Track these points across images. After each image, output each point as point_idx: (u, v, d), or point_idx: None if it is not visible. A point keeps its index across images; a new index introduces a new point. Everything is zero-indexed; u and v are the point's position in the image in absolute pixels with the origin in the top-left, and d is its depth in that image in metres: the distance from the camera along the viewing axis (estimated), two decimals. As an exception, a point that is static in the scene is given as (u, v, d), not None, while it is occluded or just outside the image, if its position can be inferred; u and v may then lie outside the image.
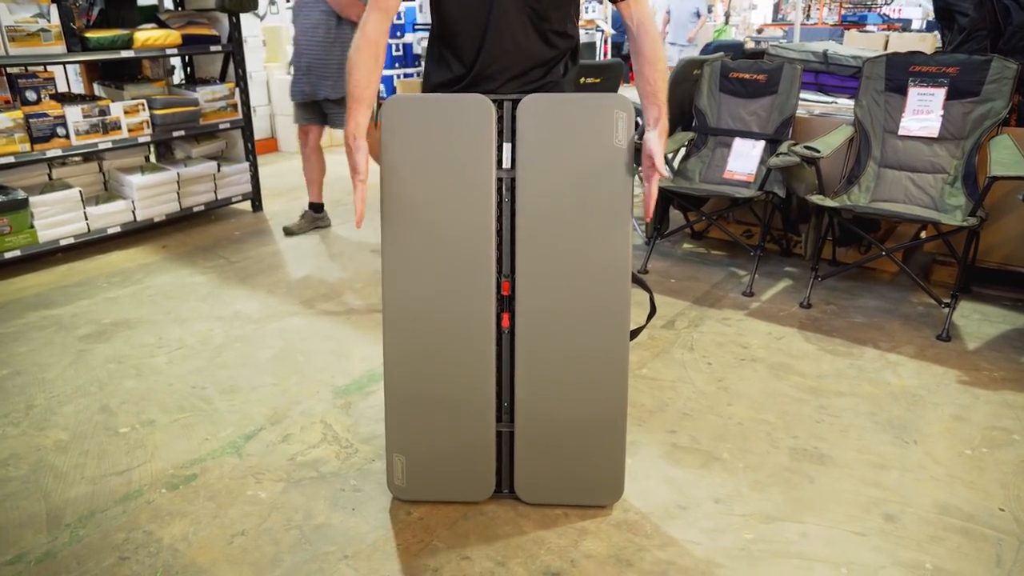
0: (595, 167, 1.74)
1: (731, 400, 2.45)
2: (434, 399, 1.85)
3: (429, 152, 1.73)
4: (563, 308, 1.80)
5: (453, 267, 1.77)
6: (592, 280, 1.78)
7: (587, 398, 1.85)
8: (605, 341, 1.81)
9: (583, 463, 1.90)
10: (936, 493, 1.97)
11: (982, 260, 3.25)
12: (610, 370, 1.83)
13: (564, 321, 1.81)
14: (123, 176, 4.11)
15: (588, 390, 1.85)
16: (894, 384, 2.54)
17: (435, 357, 1.82)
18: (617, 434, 1.88)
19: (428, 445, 1.89)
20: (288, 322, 3.06)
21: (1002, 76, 3.06)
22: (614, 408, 1.86)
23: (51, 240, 3.74)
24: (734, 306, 3.19)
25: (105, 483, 2.05)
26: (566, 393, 1.85)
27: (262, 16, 6.80)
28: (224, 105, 4.40)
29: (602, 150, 1.73)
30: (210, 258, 3.85)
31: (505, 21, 1.80)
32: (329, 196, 4.99)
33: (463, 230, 1.76)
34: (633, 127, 1.74)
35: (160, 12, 4.40)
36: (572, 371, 1.84)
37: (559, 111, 1.73)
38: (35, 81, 3.72)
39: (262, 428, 2.30)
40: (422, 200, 1.76)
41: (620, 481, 1.92)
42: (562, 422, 1.87)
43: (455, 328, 1.81)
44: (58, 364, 2.73)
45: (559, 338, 1.82)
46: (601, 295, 1.79)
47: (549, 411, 1.86)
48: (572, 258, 1.78)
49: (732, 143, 3.68)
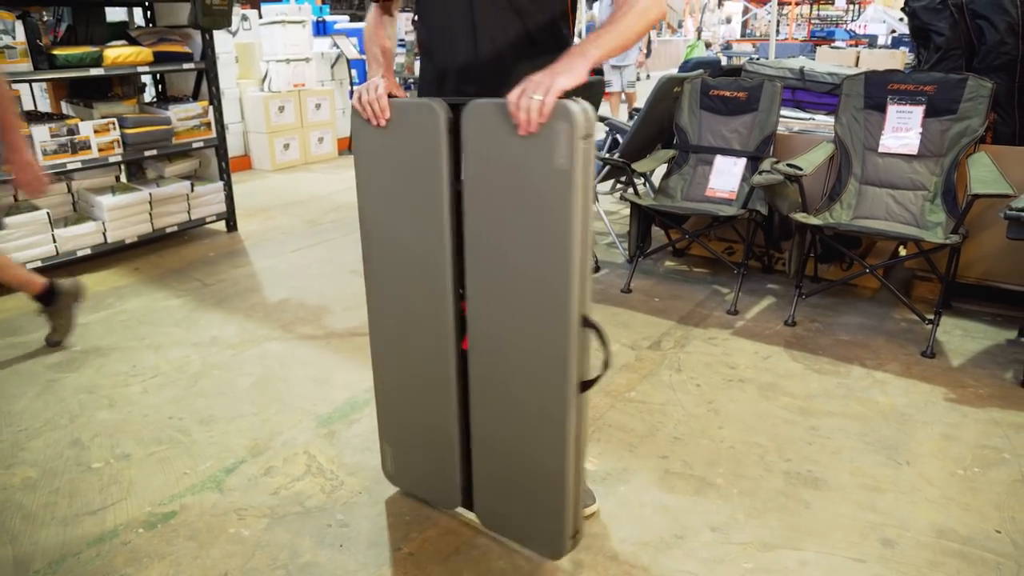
0: (535, 191, 1.44)
1: (722, 423, 2.42)
2: (409, 408, 1.87)
3: (387, 164, 1.65)
4: (506, 344, 1.60)
5: (413, 284, 1.72)
6: (531, 322, 1.54)
7: (530, 445, 1.64)
8: (544, 392, 1.57)
9: (530, 508, 1.71)
10: (932, 516, 1.96)
11: (962, 276, 3.27)
12: (550, 425, 1.58)
13: (508, 359, 1.61)
14: (93, 197, 4.00)
15: (530, 438, 1.63)
16: (882, 403, 2.54)
17: (406, 371, 1.84)
18: (555, 491, 1.63)
19: (408, 444, 1.93)
20: (267, 347, 2.98)
21: (978, 95, 3.10)
22: (555, 462, 1.61)
23: (17, 264, 3.61)
24: (719, 325, 3.18)
25: (77, 524, 1.95)
26: (513, 431, 1.66)
27: (235, 32, 6.71)
28: (197, 123, 4.31)
29: (541, 171, 1.42)
30: (184, 281, 3.75)
31: (465, 6, 1.61)
32: (305, 215, 4.93)
33: (420, 246, 1.66)
34: (583, 142, 1.38)
35: (130, 29, 4.31)
36: (517, 412, 1.64)
37: (501, 119, 1.43)
38: (0, 100, 3.61)
39: (243, 461, 2.22)
40: (384, 214, 1.71)
41: (560, 541, 1.68)
42: (510, 459, 1.69)
43: (420, 346, 1.77)
44: (25, 395, 2.62)
45: (504, 376, 1.63)
46: (540, 340, 1.54)
47: (499, 444, 1.70)
48: (513, 292, 1.55)
49: (714, 160, 3.68)
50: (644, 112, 3.76)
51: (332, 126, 7.01)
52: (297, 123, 6.65)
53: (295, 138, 6.66)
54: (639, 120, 3.80)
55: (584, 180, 1.41)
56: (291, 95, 6.53)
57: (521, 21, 1.62)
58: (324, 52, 7.59)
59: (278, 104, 6.44)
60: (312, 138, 6.83)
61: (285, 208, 5.14)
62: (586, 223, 1.45)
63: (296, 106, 6.60)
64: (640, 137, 3.86)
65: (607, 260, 4.01)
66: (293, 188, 5.79)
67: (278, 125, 6.48)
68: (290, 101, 6.53)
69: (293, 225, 4.74)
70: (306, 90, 6.65)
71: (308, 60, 6.70)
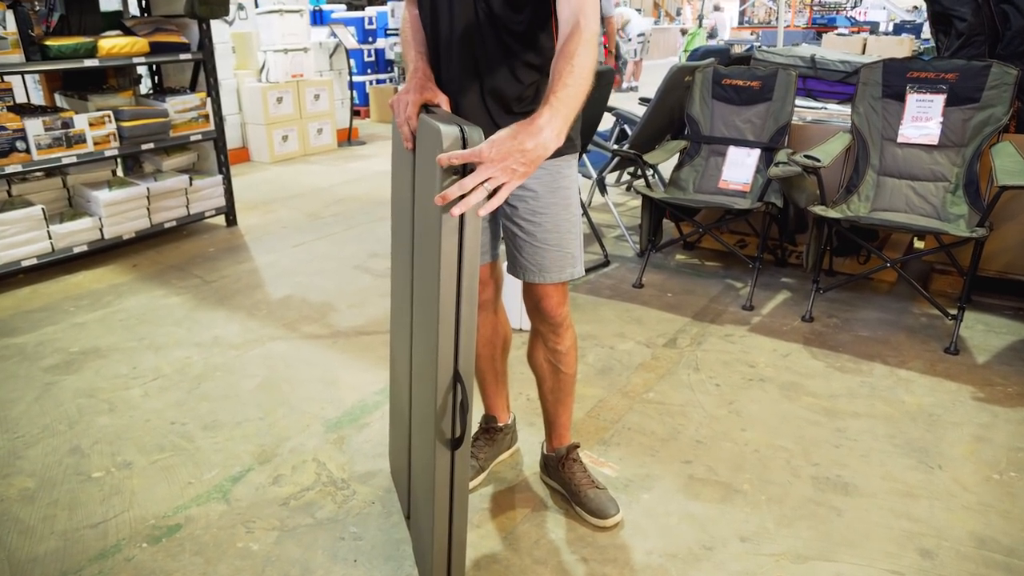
0: (433, 227, 1.29)
1: (744, 425, 2.34)
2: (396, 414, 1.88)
3: (406, 173, 1.58)
4: (413, 379, 1.58)
5: (416, 292, 1.64)
6: (422, 367, 1.45)
7: (422, 485, 1.56)
8: (424, 436, 1.47)
9: (422, 549, 1.61)
10: (970, 524, 1.88)
11: (982, 268, 3.19)
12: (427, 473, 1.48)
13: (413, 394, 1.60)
14: (89, 192, 3.89)
15: (422, 479, 1.55)
16: (909, 403, 2.46)
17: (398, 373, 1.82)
18: (429, 542, 1.50)
19: (393, 435, 1.95)
20: (271, 347, 2.89)
21: (1002, 82, 3.01)
22: (429, 513, 1.49)
23: (12, 261, 3.51)
24: (735, 321, 3.09)
25: (78, 537, 1.87)
26: (419, 464, 1.59)
27: (231, 22, 6.58)
28: (195, 116, 4.20)
29: (435, 208, 1.25)
30: (184, 277, 3.66)
31: (449, 14, 1.52)
32: (306, 208, 4.83)
33: (403, 254, 1.64)
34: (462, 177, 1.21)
35: (125, 18, 4.19)
36: (417, 447, 1.59)
37: (431, 143, 1.29)
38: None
39: (250, 468, 2.14)
40: (396, 221, 1.73)
41: None
42: (418, 492, 1.63)
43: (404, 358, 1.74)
44: (22, 400, 2.53)
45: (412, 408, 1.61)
46: (425, 387, 1.44)
47: (414, 473, 1.66)
48: (423, 331, 1.45)
49: (726, 152, 3.58)
50: (654, 102, 3.66)
51: (331, 117, 6.89)
52: (296, 114, 6.53)
53: (294, 129, 6.54)
54: (649, 111, 3.70)
55: (467, 226, 1.25)
56: (289, 86, 6.41)
57: (498, 32, 1.51)
58: (322, 42, 7.47)
59: (276, 95, 6.32)
60: (311, 129, 6.71)
61: (285, 201, 5.04)
62: (468, 270, 1.28)
63: (295, 97, 6.47)
64: (650, 128, 3.76)
65: (617, 254, 3.92)
66: (293, 180, 5.68)
67: (276, 116, 6.36)
68: (288, 92, 6.41)
69: (294, 219, 4.64)
70: (304, 80, 6.53)
71: (306, 50, 6.57)
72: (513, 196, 1.65)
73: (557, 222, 1.67)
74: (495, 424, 2.10)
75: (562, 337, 1.80)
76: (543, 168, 1.60)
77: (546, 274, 1.70)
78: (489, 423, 2.11)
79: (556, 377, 1.87)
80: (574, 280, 1.78)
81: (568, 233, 1.69)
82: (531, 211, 1.66)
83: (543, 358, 1.85)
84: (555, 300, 1.73)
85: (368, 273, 3.68)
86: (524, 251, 1.69)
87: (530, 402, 2.44)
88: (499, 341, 1.98)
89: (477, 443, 2.08)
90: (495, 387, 2.06)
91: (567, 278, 1.72)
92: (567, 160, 1.67)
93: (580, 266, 1.73)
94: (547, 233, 1.67)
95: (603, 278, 3.58)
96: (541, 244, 1.67)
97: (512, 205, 1.67)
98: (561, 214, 1.67)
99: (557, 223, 1.67)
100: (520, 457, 2.18)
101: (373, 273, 3.67)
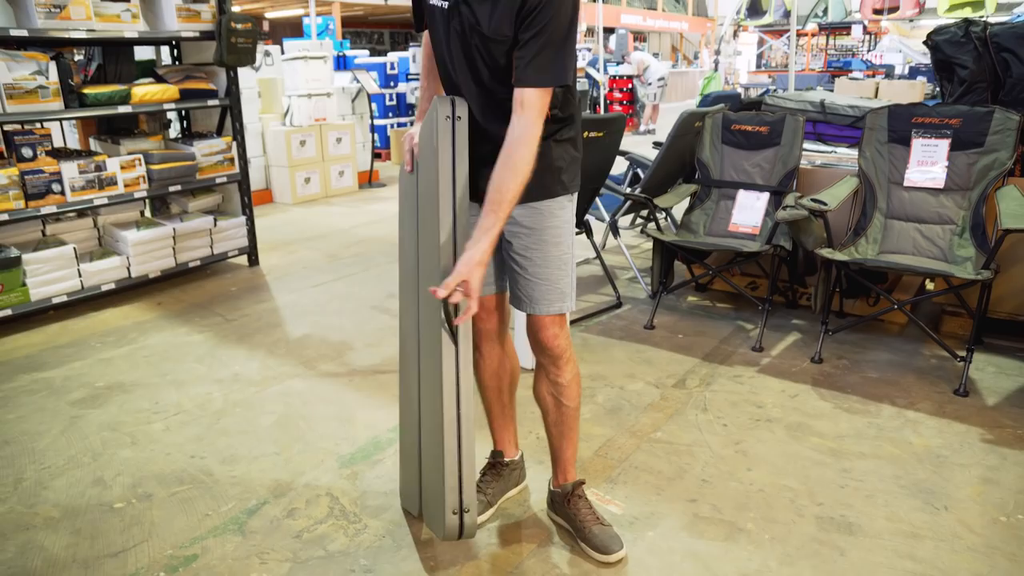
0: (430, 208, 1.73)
1: (750, 464, 2.37)
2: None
3: (410, 201, 1.89)
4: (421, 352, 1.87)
5: (422, 317, 1.89)
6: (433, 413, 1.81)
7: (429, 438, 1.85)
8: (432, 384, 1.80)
9: (431, 496, 1.87)
10: (976, 567, 1.89)
11: (993, 311, 3.21)
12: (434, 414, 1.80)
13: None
14: (118, 231, 4.04)
15: (430, 431, 1.84)
16: (916, 444, 2.47)
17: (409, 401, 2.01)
18: (439, 472, 1.77)
19: (404, 461, 2.10)
20: (289, 384, 2.97)
21: (1005, 127, 3.07)
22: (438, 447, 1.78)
23: (43, 298, 3.65)
24: (745, 362, 3.13)
25: (99, 566, 1.93)
26: (427, 432, 1.86)
27: (257, 68, 6.83)
28: (221, 159, 4.37)
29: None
30: (206, 315, 3.77)
31: (457, 66, 1.70)
32: (326, 249, 4.96)
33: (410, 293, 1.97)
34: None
35: (158, 66, 4.39)
36: (427, 412, 1.86)
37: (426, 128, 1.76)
38: (31, 138, 3.68)
39: (266, 502, 2.20)
40: (403, 262, 1.99)
41: (442, 518, 1.77)
42: (428, 458, 1.87)
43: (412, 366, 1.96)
44: (49, 432, 2.62)
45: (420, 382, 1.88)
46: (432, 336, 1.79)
47: (423, 448, 1.91)
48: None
49: (736, 195, 3.66)
50: (665, 147, 3.76)
51: (352, 160, 7.08)
52: (318, 157, 6.73)
53: (316, 172, 6.73)
54: (660, 155, 3.79)
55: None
56: (312, 129, 6.61)
57: (483, 84, 1.68)
58: (345, 87, 7.70)
59: (300, 138, 6.52)
60: (333, 172, 6.89)
61: (306, 242, 5.18)
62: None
63: (317, 140, 6.67)
64: (661, 172, 3.85)
65: (629, 295, 3.98)
66: (314, 222, 5.83)
67: (299, 159, 6.56)
68: (311, 135, 6.61)
69: (314, 259, 4.76)
70: (327, 124, 6.74)
71: (329, 95, 6.79)
72: (509, 232, 1.79)
73: (547, 259, 1.79)
74: (502, 459, 2.15)
75: (562, 370, 1.88)
76: (534, 208, 1.76)
77: (536, 305, 1.81)
78: (496, 457, 2.16)
79: (559, 410, 1.93)
80: (587, 321, 1.93)
81: (558, 270, 1.80)
82: (524, 247, 1.79)
83: (546, 391, 1.93)
84: (551, 332, 1.83)
85: (385, 313, 3.77)
86: (519, 283, 1.82)
87: (539, 440, 2.49)
88: (506, 375, 2.05)
89: (484, 478, 2.13)
90: (502, 420, 2.12)
91: (556, 312, 1.82)
92: (559, 201, 1.79)
93: (570, 302, 1.84)
94: (537, 268, 1.79)
95: (615, 319, 3.64)
96: (532, 277, 1.79)
97: (508, 240, 1.81)
98: (551, 251, 1.79)
99: (546, 259, 1.79)
100: (528, 494, 2.22)
101: (390, 313, 3.76)
